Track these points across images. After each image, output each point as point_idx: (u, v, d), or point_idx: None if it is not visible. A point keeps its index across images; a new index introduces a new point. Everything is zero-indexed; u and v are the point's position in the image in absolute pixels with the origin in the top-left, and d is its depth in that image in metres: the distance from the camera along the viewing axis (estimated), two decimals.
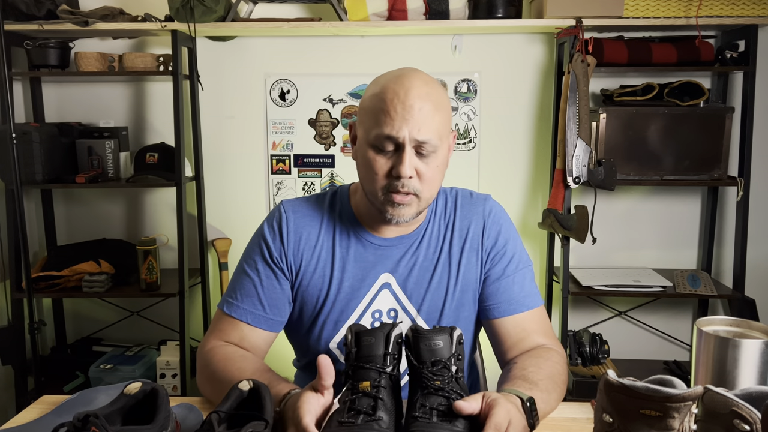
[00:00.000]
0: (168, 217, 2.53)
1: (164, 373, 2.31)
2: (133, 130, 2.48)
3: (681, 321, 2.56)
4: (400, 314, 1.16)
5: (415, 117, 1.00)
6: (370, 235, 1.15)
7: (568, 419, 1.05)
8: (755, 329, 0.95)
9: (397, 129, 1.01)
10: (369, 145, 1.05)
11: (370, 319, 1.15)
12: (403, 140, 1.01)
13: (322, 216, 1.17)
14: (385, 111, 1.01)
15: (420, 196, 1.06)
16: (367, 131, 1.05)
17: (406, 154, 1.02)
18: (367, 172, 1.06)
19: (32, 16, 2.18)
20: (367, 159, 1.05)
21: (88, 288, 2.23)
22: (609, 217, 2.48)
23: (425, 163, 1.04)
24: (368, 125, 1.05)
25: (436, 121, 1.03)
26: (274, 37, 2.43)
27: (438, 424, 0.84)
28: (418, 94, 1.01)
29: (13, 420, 1.05)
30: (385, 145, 1.03)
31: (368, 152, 1.05)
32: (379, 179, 1.05)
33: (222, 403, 0.88)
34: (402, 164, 1.01)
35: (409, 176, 1.02)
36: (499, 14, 2.18)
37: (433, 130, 1.02)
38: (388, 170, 1.04)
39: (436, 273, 1.16)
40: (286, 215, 1.16)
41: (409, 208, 1.06)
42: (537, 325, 1.16)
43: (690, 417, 0.73)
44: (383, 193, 1.05)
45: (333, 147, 2.48)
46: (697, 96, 2.21)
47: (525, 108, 2.45)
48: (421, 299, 1.15)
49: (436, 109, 1.03)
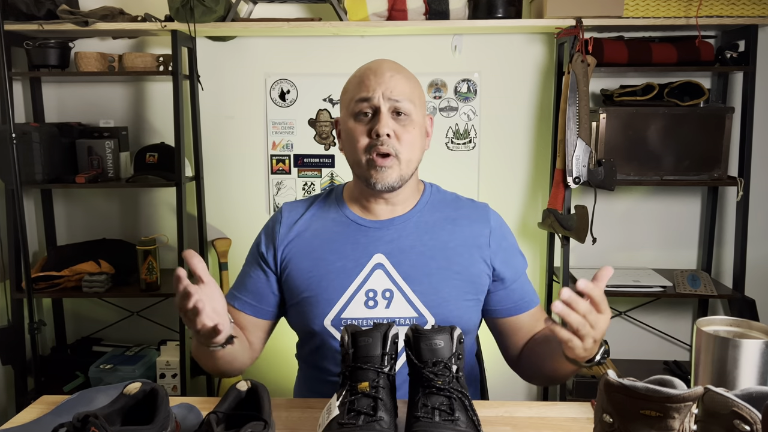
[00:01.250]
0: (168, 217, 2.53)
1: (164, 373, 2.31)
2: (133, 130, 2.48)
3: (681, 321, 2.56)
4: (396, 295, 1.19)
5: (387, 81, 1.15)
6: (360, 219, 1.24)
7: (568, 419, 1.05)
8: (755, 329, 0.95)
9: (372, 91, 1.14)
10: (350, 116, 1.17)
11: (364, 297, 1.19)
12: (378, 101, 1.14)
13: (316, 208, 1.28)
14: (361, 81, 1.16)
15: (399, 157, 1.15)
16: (347, 105, 1.19)
17: (382, 115, 1.14)
18: (350, 143, 1.18)
19: (32, 16, 2.18)
20: (349, 130, 1.18)
21: (88, 288, 2.23)
22: (609, 217, 2.48)
23: (402, 125, 1.15)
24: (347, 101, 1.19)
25: (408, 87, 1.17)
26: (274, 37, 2.43)
27: (440, 423, 0.84)
28: (389, 67, 1.18)
29: (13, 420, 1.05)
30: (363, 109, 1.15)
31: (349, 124, 1.18)
32: (360, 143, 1.15)
33: (220, 404, 0.88)
34: (379, 123, 1.13)
35: (386, 134, 1.13)
36: (499, 14, 2.18)
37: (406, 93, 1.15)
38: (367, 132, 1.15)
39: (435, 259, 1.20)
40: (281, 215, 1.28)
41: (392, 171, 1.15)
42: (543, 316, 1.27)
43: (690, 417, 0.73)
44: (366, 158, 1.15)
45: (333, 147, 2.48)
46: (697, 96, 2.21)
47: (525, 108, 2.45)
48: (420, 283, 1.19)
49: (407, 79, 1.18)
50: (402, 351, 1.11)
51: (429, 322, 1.18)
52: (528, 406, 1.10)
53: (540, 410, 1.09)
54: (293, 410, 1.08)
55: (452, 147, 2.47)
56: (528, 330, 1.26)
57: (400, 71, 1.18)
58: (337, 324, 1.18)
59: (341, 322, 1.18)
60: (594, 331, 0.94)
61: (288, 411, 1.07)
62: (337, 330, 1.18)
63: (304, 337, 1.27)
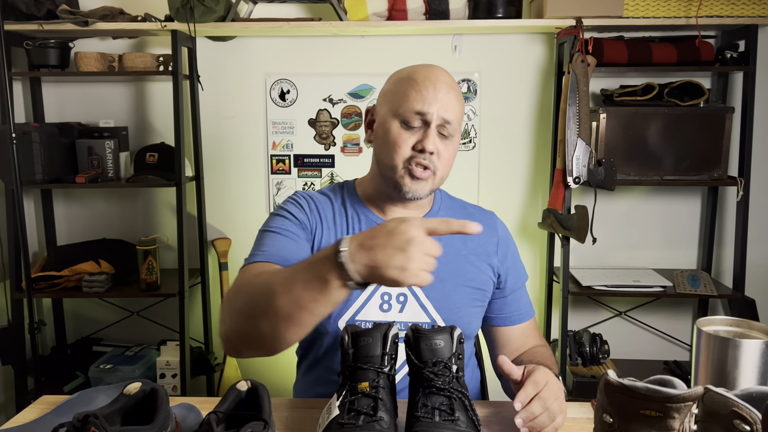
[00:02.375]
0: (168, 217, 2.53)
1: (164, 373, 2.31)
2: (133, 130, 2.48)
3: (681, 321, 2.56)
4: (410, 299, 1.18)
5: (443, 98, 1.13)
6: (379, 219, 1.22)
7: (568, 419, 1.05)
8: (755, 329, 0.95)
9: (428, 105, 1.12)
10: (397, 119, 1.14)
11: (379, 300, 1.18)
12: (431, 117, 1.12)
13: (334, 202, 1.26)
14: (417, 89, 1.13)
15: (436, 173, 1.16)
16: (395, 108, 1.14)
17: (431, 130, 1.13)
18: (391, 146, 1.14)
19: (32, 16, 2.18)
20: (392, 133, 1.14)
21: (88, 288, 2.23)
22: (609, 217, 2.48)
23: (444, 144, 1.15)
24: (396, 103, 1.15)
25: (458, 107, 1.16)
26: (274, 37, 2.43)
27: (440, 423, 0.85)
28: (446, 81, 1.15)
29: (13, 420, 1.05)
30: (413, 120, 1.13)
31: (393, 127, 1.14)
32: (402, 152, 1.13)
33: (220, 404, 0.88)
34: (428, 138, 1.12)
35: (431, 151, 1.12)
36: (499, 14, 2.18)
37: (456, 114, 1.15)
38: (412, 144, 1.13)
39: (448, 266, 1.20)
40: (305, 197, 1.25)
41: (426, 184, 1.15)
42: (535, 330, 1.33)
43: (690, 417, 0.73)
44: (404, 166, 1.14)
45: (333, 147, 2.48)
46: (697, 96, 2.21)
47: (525, 108, 2.45)
48: (434, 289, 1.18)
49: (458, 98, 1.16)
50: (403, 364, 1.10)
51: None
52: None
53: None
54: (293, 410, 1.08)
55: None
56: (517, 345, 1.29)
57: (453, 87, 1.15)
58: None
59: (355, 324, 1.16)
60: (550, 412, 0.96)
61: (288, 411, 1.07)
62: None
63: (315, 336, 1.24)
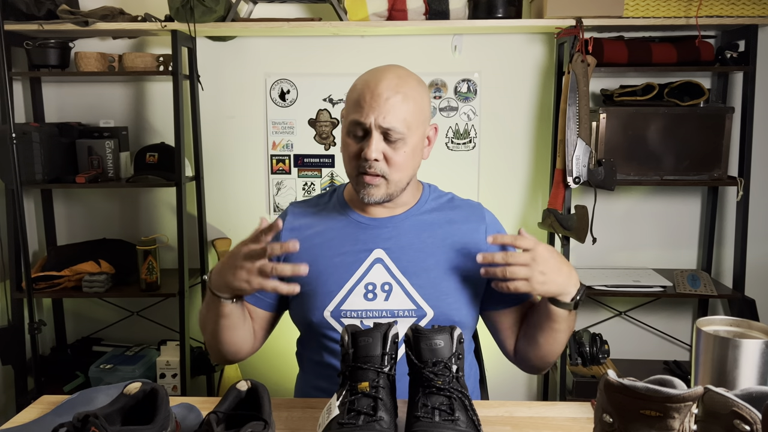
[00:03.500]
0: (168, 217, 2.53)
1: (164, 373, 2.31)
2: (133, 130, 2.48)
3: (681, 321, 2.56)
4: (395, 288, 1.21)
5: (381, 106, 1.13)
6: (360, 216, 1.27)
7: (568, 419, 1.05)
8: (755, 329, 0.95)
9: (365, 116, 1.14)
10: (346, 131, 1.20)
11: (363, 290, 1.21)
12: (370, 126, 1.14)
13: (318, 207, 1.32)
14: (357, 100, 1.16)
15: (388, 178, 1.18)
16: (345, 117, 1.21)
17: (372, 139, 1.14)
18: (343, 155, 1.22)
19: (32, 16, 2.18)
20: (342, 143, 1.21)
21: (88, 288, 2.23)
22: (609, 217, 2.48)
23: (393, 148, 1.16)
24: (345, 112, 1.21)
25: (403, 110, 1.15)
26: (274, 37, 2.43)
27: (440, 423, 0.85)
28: (387, 86, 1.14)
29: (13, 420, 1.05)
30: (356, 131, 1.17)
31: (344, 136, 1.21)
32: (351, 161, 1.19)
33: (220, 404, 0.88)
34: (368, 147, 1.14)
35: (375, 159, 1.15)
36: (499, 14, 2.18)
37: (400, 119, 1.14)
38: (357, 153, 1.17)
39: (433, 256, 1.23)
40: (286, 214, 1.32)
41: (378, 189, 1.19)
42: None
43: (690, 417, 0.73)
44: (355, 175, 1.20)
45: (333, 147, 2.48)
46: (697, 96, 2.21)
47: (525, 108, 2.45)
48: (418, 277, 1.22)
49: (405, 100, 1.15)
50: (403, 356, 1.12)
51: (428, 314, 1.20)
52: (528, 406, 1.11)
53: (540, 410, 1.09)
54: (293, 410, 1.08)
55: (452, 147, 2.47)
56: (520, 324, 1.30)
57: (399, 91, 1.14)
58: (337, 315, 1.21)
59: (341, 313, 1.20)
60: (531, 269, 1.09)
61: (288, 411, 1.08)
62: (337, 321, 1.21)
63: (305, 330, 1.28)
